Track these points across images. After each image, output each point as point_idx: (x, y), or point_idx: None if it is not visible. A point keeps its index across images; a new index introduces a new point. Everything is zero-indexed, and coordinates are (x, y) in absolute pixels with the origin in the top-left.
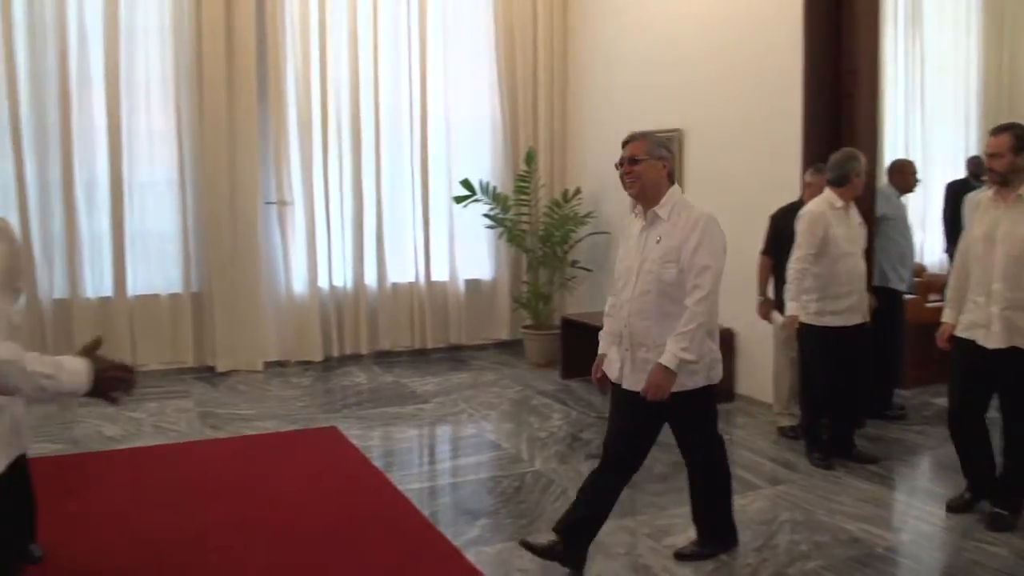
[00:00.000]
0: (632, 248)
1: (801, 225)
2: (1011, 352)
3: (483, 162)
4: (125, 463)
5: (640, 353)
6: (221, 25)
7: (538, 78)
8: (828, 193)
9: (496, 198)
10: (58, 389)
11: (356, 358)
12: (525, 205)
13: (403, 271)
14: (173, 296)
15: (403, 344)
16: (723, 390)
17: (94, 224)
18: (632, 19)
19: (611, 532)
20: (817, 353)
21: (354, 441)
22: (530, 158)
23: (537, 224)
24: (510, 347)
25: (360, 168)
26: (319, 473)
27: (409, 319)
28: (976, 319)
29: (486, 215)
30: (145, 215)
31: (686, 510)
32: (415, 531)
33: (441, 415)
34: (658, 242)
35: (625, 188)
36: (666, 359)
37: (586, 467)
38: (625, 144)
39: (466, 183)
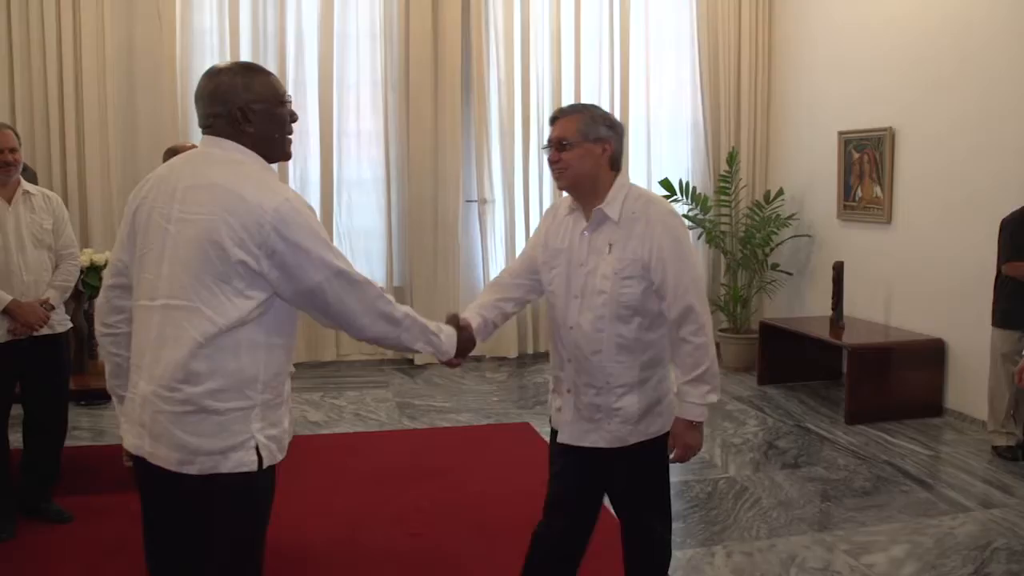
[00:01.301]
0: (567, 252)
1: None
2: None
3: (683, 163)
4: (326, 447)
5: (587, 397)
6: (428, 30)
7: (741, 77)
8: None
9: (696, 199)
10: (439, 347)
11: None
12: (726, 206)
13: None
14: None
15: None
16: (931, 404)
17: None
18: (841, 15)
19: (807, 546)
20: None
21: (546, 438)
22: (732, 158)
23: (737, 226)
24: None
25: None
26: (511, 467)
27: None
28: None
29: (685, 216)
30: (352, 212)
31: (888, 527)
32: (606, 531)
33: None
34: (609, 251)
35: (554, 179)
36: (690, 413)
37: (781, 476)
38: (553, 121)
39: (666, 183)
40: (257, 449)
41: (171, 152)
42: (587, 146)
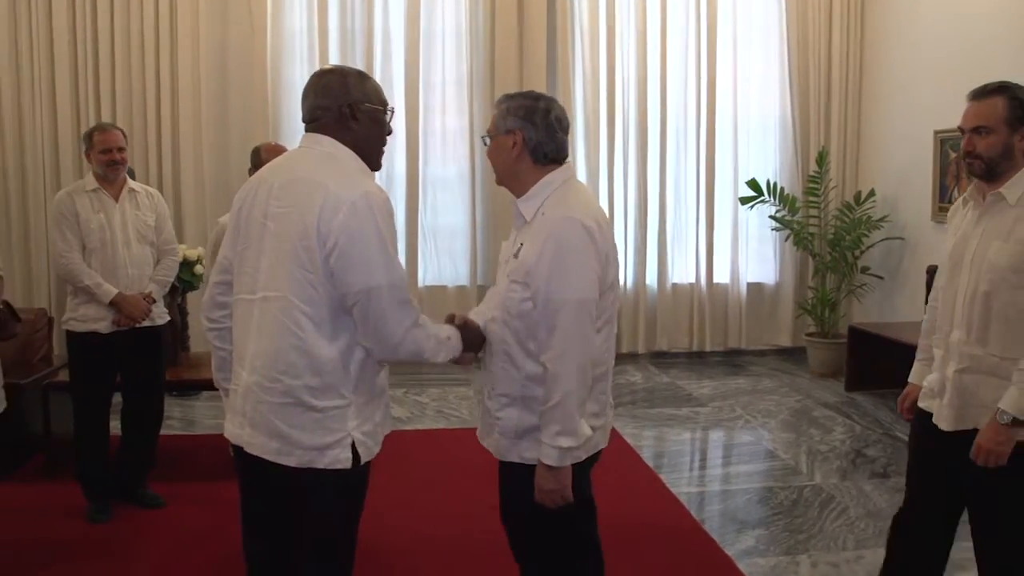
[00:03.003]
0: (507, 247)
1: None
2: (966, 437)
3: (770, 163)
4: (409, 443)
5: (483, 397)
6: (514, 28)
7: (832, 74)
8: None
9: (783, 200)
10: (456, 350)
11: (632, 357)
12: (814, 207)
13: (684, 272)
14: (459, 288)
15: (680, 345)
16: None
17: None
18: (937, 8)
19: None
20: None
21: (628, 440)
22: (822, 158)
23: (826, 227)
24: (791, 354)
25: (645, 167)
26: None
27: (688, 320)
28: (933, 382)
29: (772, 217)
30: (437, 210)
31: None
32: (686, 535)
33: (717, 420)
34: (516, 254)
35: None
36: (545, 455)
37: (870, 486)
38: None
39: (753, 184)
40: (353, 446)
41: (256, 152)
42: (499, 139)
